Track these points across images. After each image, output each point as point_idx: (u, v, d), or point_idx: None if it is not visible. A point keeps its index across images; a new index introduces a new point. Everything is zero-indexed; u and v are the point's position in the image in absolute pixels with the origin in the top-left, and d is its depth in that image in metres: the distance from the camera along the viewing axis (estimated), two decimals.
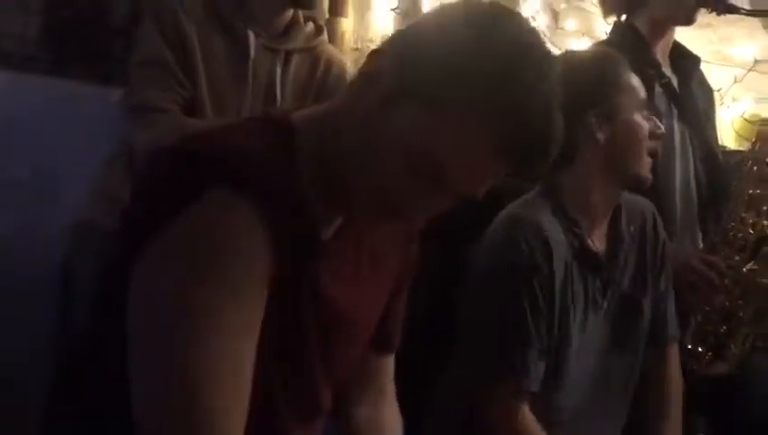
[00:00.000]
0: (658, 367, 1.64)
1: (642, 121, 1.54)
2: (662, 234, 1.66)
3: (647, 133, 1.54)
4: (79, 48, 1.86)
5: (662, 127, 1.57)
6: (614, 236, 1.57)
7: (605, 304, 1.54)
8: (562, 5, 2.92)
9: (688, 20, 1.94)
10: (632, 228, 1.60)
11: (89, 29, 1.87)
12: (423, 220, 0.96)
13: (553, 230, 1.46)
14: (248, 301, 0.80)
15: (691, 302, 1.81)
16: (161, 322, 0.78)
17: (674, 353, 1.67)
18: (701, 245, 1.93)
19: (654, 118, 1.57)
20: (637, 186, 1.57)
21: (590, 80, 1.53)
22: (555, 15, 2.92)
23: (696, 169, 1.97)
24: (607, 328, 1.55)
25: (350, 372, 1.07)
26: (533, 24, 2.67)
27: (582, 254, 1.50)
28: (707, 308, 1.83)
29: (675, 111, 1.98)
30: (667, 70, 2.02)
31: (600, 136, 1.51)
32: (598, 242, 1.55)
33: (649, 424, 1.61)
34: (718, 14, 1.89)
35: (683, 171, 1.95)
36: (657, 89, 1.96)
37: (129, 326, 0.81)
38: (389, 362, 1.18)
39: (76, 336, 1.11)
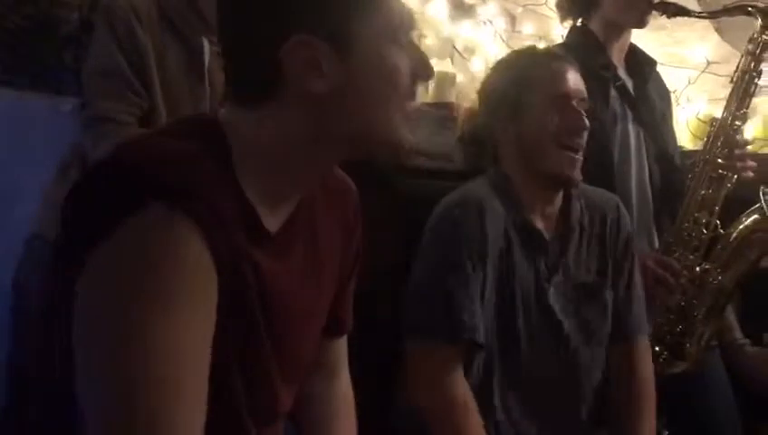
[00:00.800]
0: (628, 363, 1.64)
1: (549, 114, 1.52)
2: (626, 228, 1.66)
3: (554, 124, 1.52)
4: (28, 57, 1.82)
5: (585, 122, 1.55)
6: (564, 225, 1.59)
7: (551, 290, 1.54)
8: (519, 10, 2.94)
9: (640, 22, 1.97)
10: (586, 219, 1.61)
11: (38, 37, 1.83)
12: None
13: (489, 199, 1.50)
14: (192, 314, 0.80)
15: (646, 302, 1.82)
16: (104, 339, 0.77)
17: (644, 349, 1.67)
18: (657, 246, 1.95)
19: (578, 109, 1.55)
20: (561, 185, 1.57)
21: (502, 80, 1.58)
22: (512, 20, 2.93)
23: (651, 171, 1.99)
24: (565, 318, 1.55)
25: (307, 367, 1.07)
26: (490, 27, 2.73)
27: (524, 229, 1.52)
28: (664, 308, 1.85)
29: (630, 114, 2.00)
30: (622, 73, 2.04)
31: (510, 133, 1.55)
32: (545, 227, 1.56)
33: (623, 423, 1.61)
34: (669, 17, 1.92)
35: (638, 173, 1.97)
36: (613, 92, 1.98)
37: (74, 343, 0.80)
38: (341, 344, 1.19)
39: (25, 351, 1.08)
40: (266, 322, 0.93)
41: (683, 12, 1.92)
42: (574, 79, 1.56)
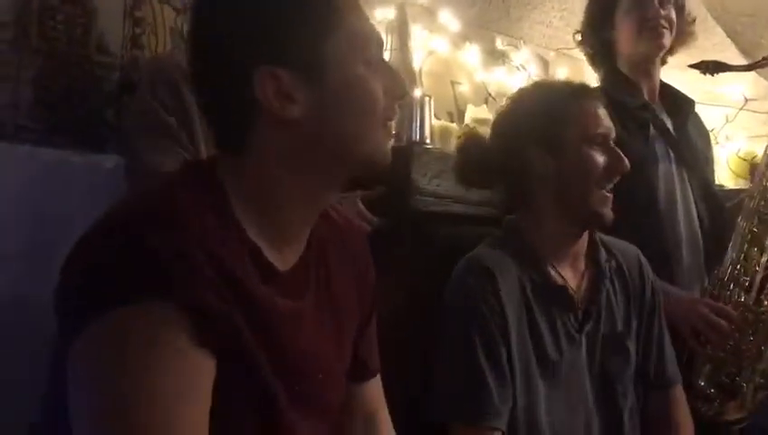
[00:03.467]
0: (664, 411, 1.60)
1: (593, 154, 1.50)
2: (649, 274, 1.63)
3: (599, 167, 1.50)
4: (69, 116, 1.85)
5: (627, 164, 1.51)
6: (594, 271, 1.56)
7: (583, 340, 1.50)
8: (552, 54, 2.95)
9: (657, 47, 1.97)
10: (613, 264, 1.58)
11: (79, 96, 1.87)
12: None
13: (502, 264, 1.47)
14: (181, 394, 0.80)
15: (696, 347, 1.79)
16: (88, 415, 0.79)
17: (679, 396, 1.63)
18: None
19: (618, 150, 1.52)
20: (594, 223, 1.54)
21: (535, 112, 1.53)
22: (546, 64, 2.94)
23: (698, 211, 1.96)
24: (594, 366, 1.52)
25: (335, 409, 1.06)
26: (524, 73, 2.74)
27: (545, 286, 1.49)
28: (720, 353, 1.80)
29: (672, 154, 1.98)
30: (662, 114, 2.03)
31: (547, 170, 1.50)
32: (571, 276, 1.53)
33: None
34: (712, 75, 1.91)
35: (686, 215, 1.94)
36: (652, 131, 1.97)
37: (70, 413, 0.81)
38: (375, 387, 1.18)
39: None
40: (279, 363, 0.92)
41: (723, 68, 1.90)
42: (606, 117, 1.54)
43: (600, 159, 1.49)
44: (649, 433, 1.58)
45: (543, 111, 1.52)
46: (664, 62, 2.08)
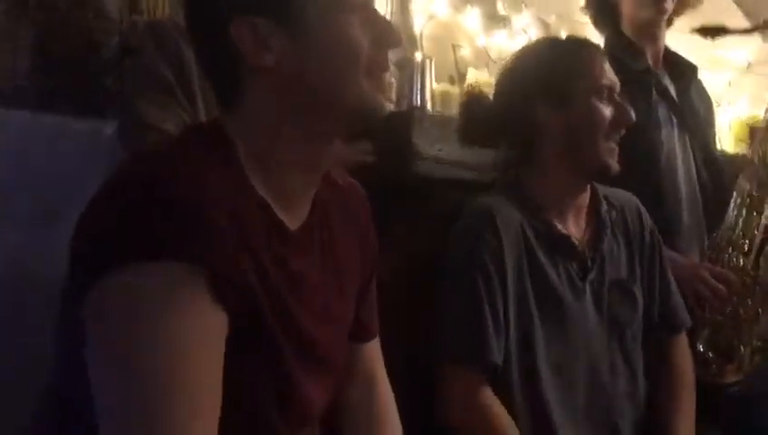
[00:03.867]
0: (667, 357, 1.62)
1: (601, 106, 1.50)
2: (648, 221, 1.65)
3: (607, 119, 1.50)
4: (69, 82, 1.84)
5: (632, 115, 1.52)
6: (595, 222, 1.57)
7: (587, 288, 1.52)
8: (552, 17, 2.92)
9: (660, 12, 1.95)
10: (614, 215, 1.60)
11: (79, 63, 1.86)
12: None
13: (503, 208, 1.49)
14: (199, 344, 0.81)
15: (697, 311, 1.80)
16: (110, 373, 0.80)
17: (683, 343, 1.65)
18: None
19: (626, 104, 1.53)
20: (602, 174, 1.55)
21: (541, 66, 1.53)
22: (547, 28, 2.91)
23: (699, 175, 1.97)
24: (601, 317, 1.53)
25: (339, 371, 1.07)
26: (525, 36, 2.71)
27: (548, 234, 1.50)
28: (718, 317, 1.81)
29: (674, 119, 1.98)
30: (665, 79, 2.02)
31: (555, 123, 1.51)
32: (574, 228, 1.55)
33: (661, 417, 1.57)
34: (713, 39, 1.90)
35: (686, 177, 1.95)
36: (655, 96, 1.96)
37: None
38: (373, 349, 1.19)
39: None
40: (289, 323, 0.93)
41: (724, 32, 1.90)
42: (610, 70, 1.55)
43: (607, 110, 1.50)
44: (650, 377, 1.60)
45: (549, 65, 1.53)
46: (670, 23, 2.06)
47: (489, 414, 1.41)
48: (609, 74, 1.53)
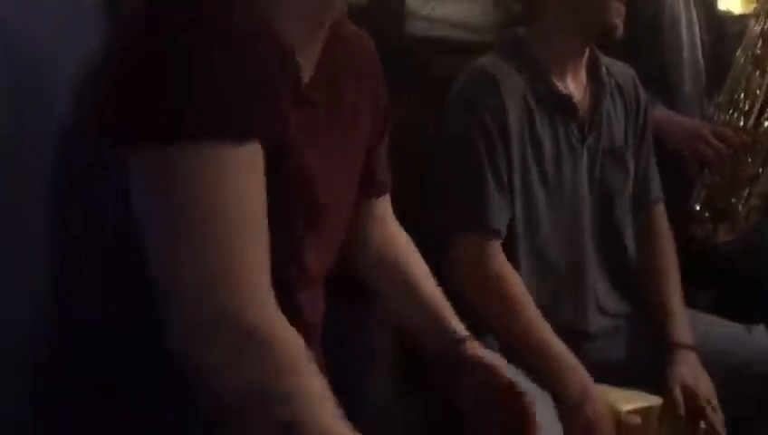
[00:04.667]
0: (647, 227, 1.64)
1: None
2: (642, 96, 1.64)
3: None
4: None
5: None
6: (595, 85, 1.56)
7: (585, 151, 1.52)
8: None
9: None
10: (612, 81, 1.59)
11: None
12: None
13: (505, 70, 1.47)
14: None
15: (696, 169, 1.82)
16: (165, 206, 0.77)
17: (660, 212, 1.67)
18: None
19: None
20: (607, 35, 1.52)
21: None
22: None
23: (702, 40, 1.95)
24: (594, 180, 1.54)
25: (343, 233, 1.05)
26: None
27: (550, 96, 1.49)
28: (717, 178, 1.83)
29: None
30: None
31: None
32: (574, 89, 1.54)
33: (646, 282, 1.60)
34: None
35: (689, 42, 1.92)
36: None
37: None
38: (385, 203, 1.18)
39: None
40: (298, 174, 0.90)
41: None
42: None
43: None
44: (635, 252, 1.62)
45: None
46: None
47: (499, 279, 1.41)
48: None
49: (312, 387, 0.77)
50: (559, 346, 1.37)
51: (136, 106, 0.76)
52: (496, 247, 1.42)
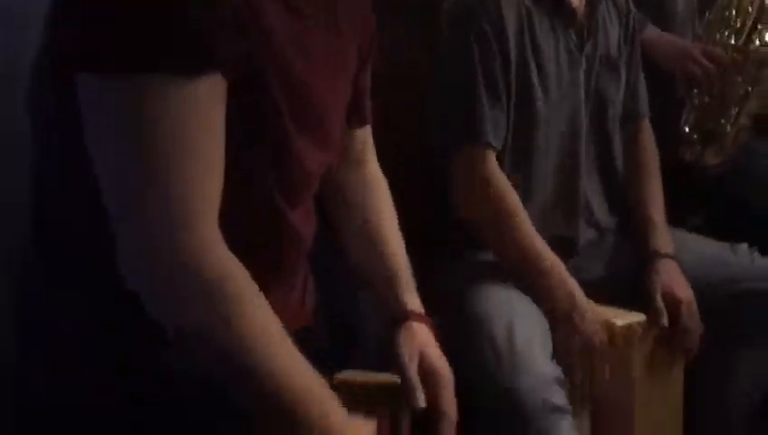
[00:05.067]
0: (633, 138, 1.65)
1: None
2: (633, 7, 1.63)
3: None
4: None
5: None
6: None
7: (583, 60, 1.51)
8: None
9: None
10: None
11: None
12: None
13: None
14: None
15: (687, 90, 1.80)
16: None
17: (646, 126, 1.67)
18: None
19: None
20: None
21: None
22: None
23: None
24: (590, 88, 1.53)
25: (337, 146, 1.04)
26: None
27: (550, 3, 1.47)
28: (706, 99, 1.81)
29: None
30: None
31: None
32: None
33: (629, 192, 1.61)
34: None
35: None
36: None
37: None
38: (365, 134, 1.17)
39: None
40: (288, 91, 0.89)
41: None
42: None
43: None
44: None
45: None
46: None
47: (493, 189, 1.41)
48: None
49: (254, 315, 0.79)
50: (550, 257, 1.38)
51: (81, 34, 0.77)
52: (491, 159, 1.42)
